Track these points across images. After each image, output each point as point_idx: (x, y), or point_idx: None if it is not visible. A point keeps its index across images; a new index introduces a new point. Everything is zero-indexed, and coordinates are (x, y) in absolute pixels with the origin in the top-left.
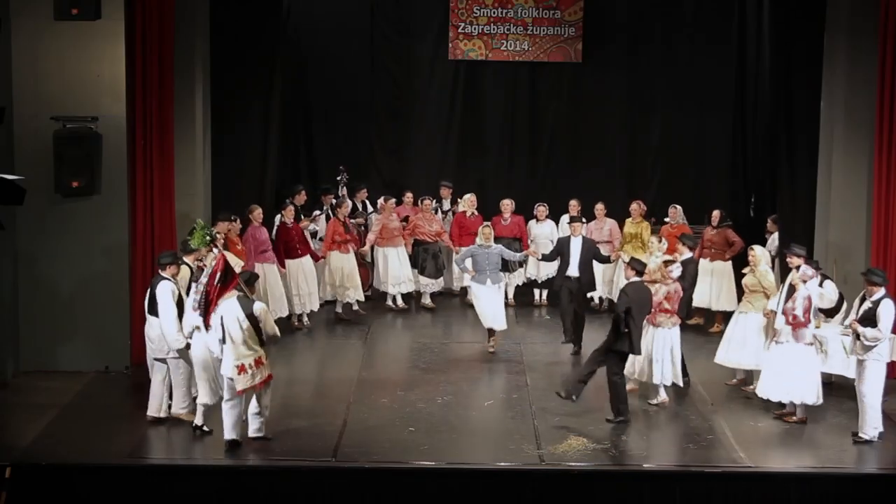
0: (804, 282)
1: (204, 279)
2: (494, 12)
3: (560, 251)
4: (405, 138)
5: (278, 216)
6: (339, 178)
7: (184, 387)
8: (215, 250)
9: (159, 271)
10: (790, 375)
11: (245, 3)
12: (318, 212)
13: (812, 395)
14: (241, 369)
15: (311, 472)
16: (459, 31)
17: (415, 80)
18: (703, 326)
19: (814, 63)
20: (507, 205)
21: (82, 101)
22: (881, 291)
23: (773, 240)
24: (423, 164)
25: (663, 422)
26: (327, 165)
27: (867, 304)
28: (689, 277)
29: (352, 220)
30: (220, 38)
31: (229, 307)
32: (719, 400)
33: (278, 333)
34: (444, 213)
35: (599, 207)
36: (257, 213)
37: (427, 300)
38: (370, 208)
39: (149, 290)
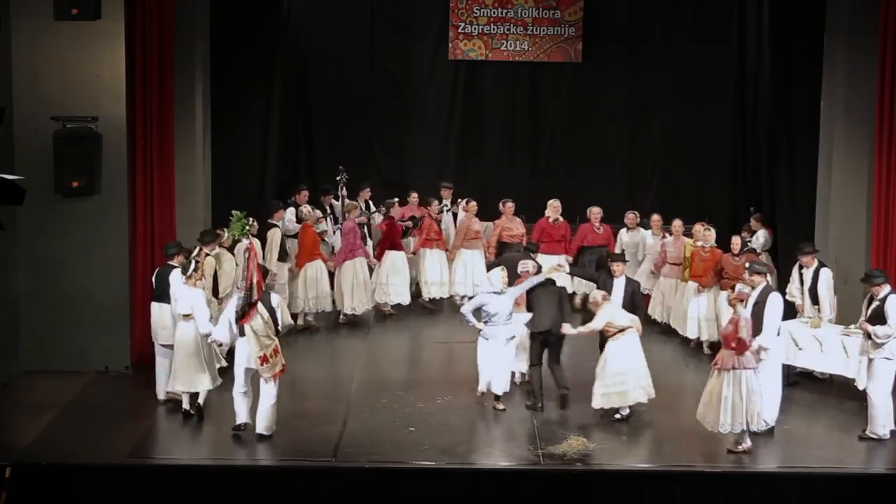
0: (741, 301)
1: (242, 274)
2: (494, 12)
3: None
4: (405, 138)
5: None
6: (338, 179)
7: None
8: (245, 241)
9: (168, 261)
10: (736, 404)
11: (245, 3)
12: (318, 213)
13: (770, 416)
14: (264, 359)
15: (311, 472)
16: (459, 31)
17: (415, 80)
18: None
19: (814, 63)
20: (597, 212)
21: (82, 101)
22: (886, 289)
23: (758, 237)
24: (423, 164)
25: (663, 422)
26: (327, 165)
27: (875, 303)
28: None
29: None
30: (220, 38)
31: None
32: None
33: (292, 322)
34: (446, 212)
35: (677, 224)
36: (356, 212)
37: None
38: (373, 209)
39: (155, 279)
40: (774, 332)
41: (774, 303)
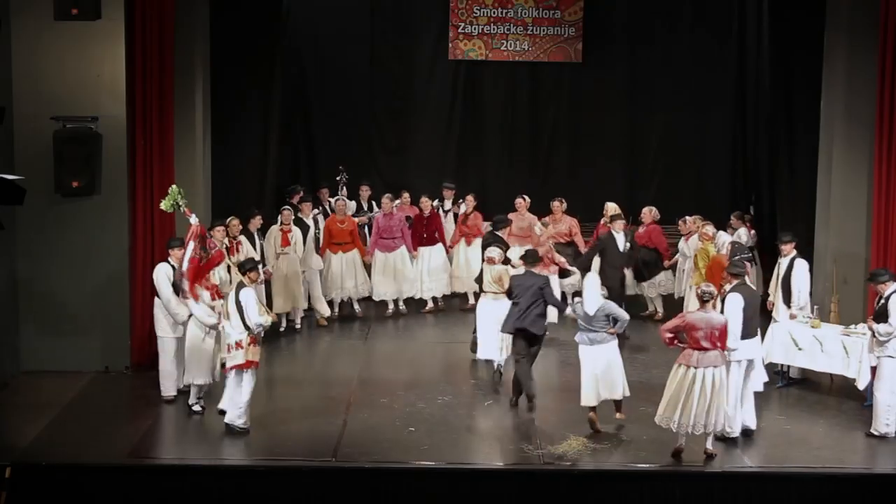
0: (703, 300)
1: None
2: (494, 12)
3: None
4: (405, 138)
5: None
6: (338, 178)
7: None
8: (193, 220)
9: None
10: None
11: (245, 4)
12: (316, 210)
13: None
14: (228, 349)
15: (311, 472)
16: (459, 31)
17: (415, 80)
18: None
19: (814, 61)
20: (645, 212)
21: (82, 101)
22: (891, 287)
23: (739, 235)
24: (423, 164)
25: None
26: (327, 165)
27: (881, 302)
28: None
29: (356, 219)
30: (221, 38)
31: (234, 291)
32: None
33: (259, 321)
34: (445, 213)
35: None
36: (388, 204)
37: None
38: (375, 208)
39: None
40: (732, 332)
41: (728, 303)
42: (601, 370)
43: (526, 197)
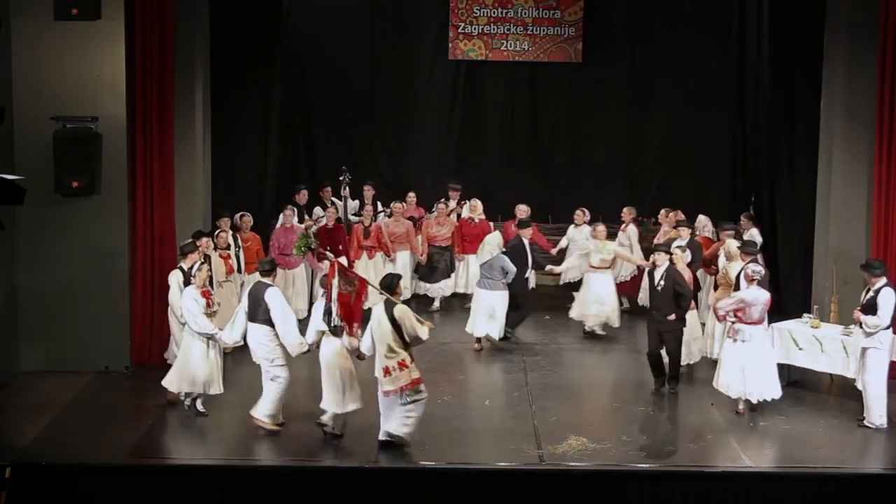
0: (752, 280)
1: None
2: (494, 12)
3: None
4: (405, 138)
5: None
6: (341, 179)
7: (278, 394)
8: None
9: (262, 278)
10: (745, 373)
11: (245, 4)
12: (320, 211)
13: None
14: (386, 371)
15: (311, 472)
16: (459, 31)
17: (415, 80)
18: None
19: (814, 62)
20: (523, 211)
21: (82, 101)
22: (882, 280)
23: (752, 236)
24: (423, 164)
25: (663, 422)
26: (327, 165)
27: (870, 294)
28: None
29: (355, 218)
30: (220, 38)
31: (375, 311)
32: (719, 400)
33: (421, 335)
34: (449, 213)
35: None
36: (289, 215)
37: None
38: (380, 208)
39: (249, 299)
40: None
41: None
42: (489, 311)
43: (404, 203)
